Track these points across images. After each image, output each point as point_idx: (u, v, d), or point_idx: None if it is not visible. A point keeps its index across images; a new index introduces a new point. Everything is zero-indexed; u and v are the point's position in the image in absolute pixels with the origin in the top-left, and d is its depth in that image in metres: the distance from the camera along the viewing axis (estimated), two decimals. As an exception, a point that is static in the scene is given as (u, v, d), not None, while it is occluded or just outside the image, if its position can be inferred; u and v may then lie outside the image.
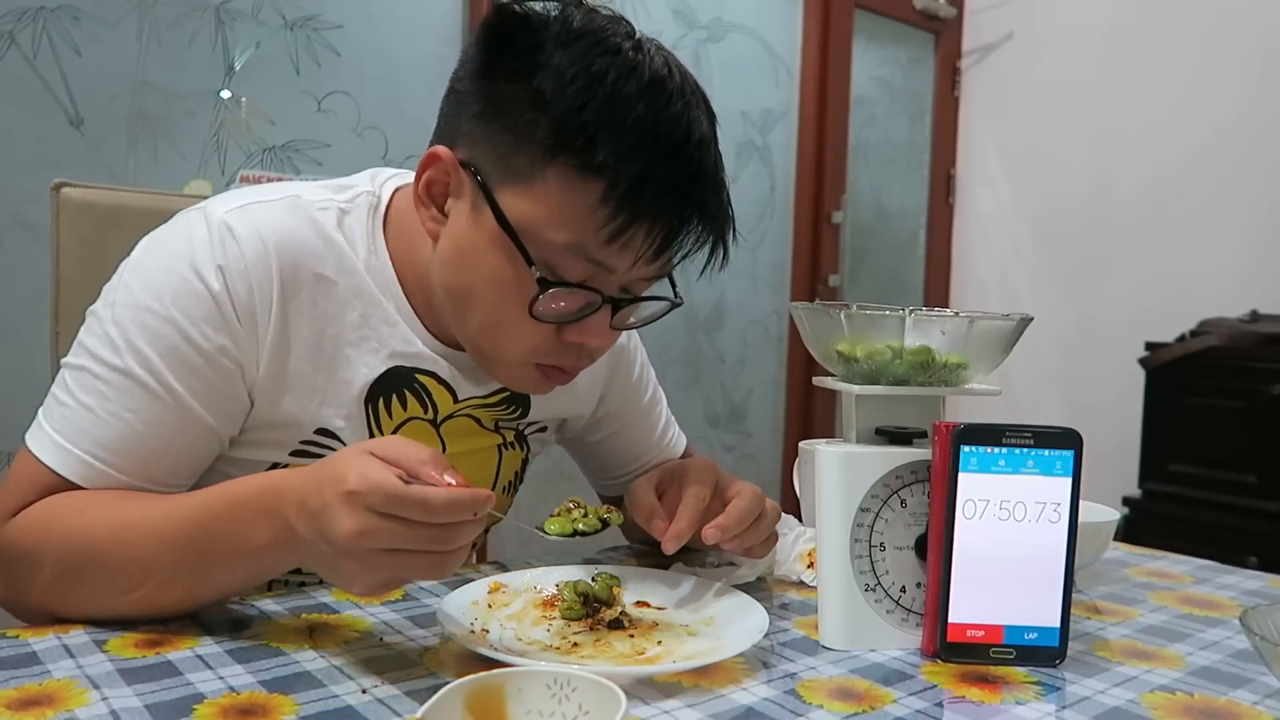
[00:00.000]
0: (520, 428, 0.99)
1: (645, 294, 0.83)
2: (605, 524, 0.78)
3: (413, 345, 0.87)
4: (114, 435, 0.76)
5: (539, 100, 0.74)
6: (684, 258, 0.80)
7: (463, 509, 0.63)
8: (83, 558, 0.72)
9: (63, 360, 0.80)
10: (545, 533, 0.76)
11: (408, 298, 0.86)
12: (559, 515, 0.77)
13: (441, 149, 0.80)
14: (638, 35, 0.78)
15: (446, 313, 0.84)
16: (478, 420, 0.94)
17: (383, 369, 0.86)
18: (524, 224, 0.76)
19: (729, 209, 0.81)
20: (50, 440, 0.77)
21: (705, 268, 0.82)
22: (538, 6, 0.78)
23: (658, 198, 0.74)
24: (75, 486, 0.76)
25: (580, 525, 0.76)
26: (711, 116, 0.80)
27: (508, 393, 0.94)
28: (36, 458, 0.77)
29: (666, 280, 0.85)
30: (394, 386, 0.87)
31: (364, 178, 0.91)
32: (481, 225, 0.78)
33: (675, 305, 0.86)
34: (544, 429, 1.02)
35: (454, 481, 0.63)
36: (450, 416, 0.91)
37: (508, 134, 0.76)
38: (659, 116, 0.74)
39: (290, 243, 0.82)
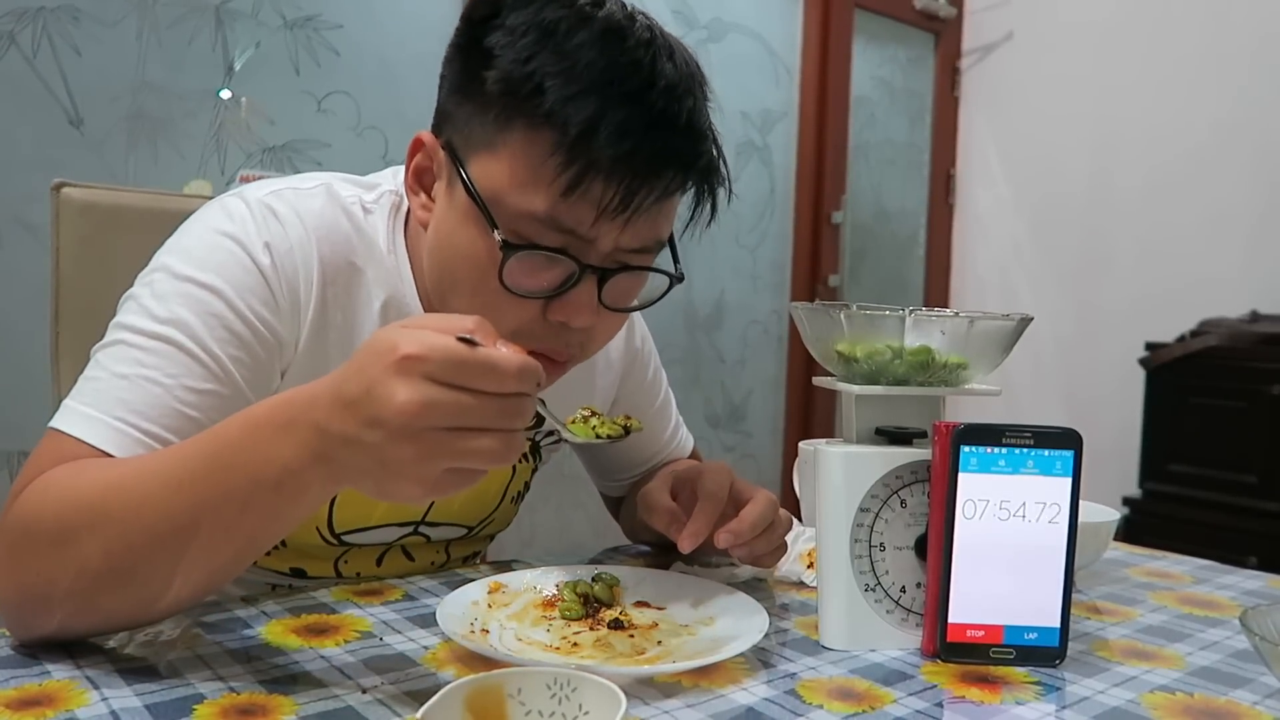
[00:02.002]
0: (535, 437, 0.98)
1: (637, 266, 0.77)
2: (628, 431, 0.73)
3: None
4: (149, 400, 0.70)
5: (489, 58, 0.72)
6: (654, 202, 0.73)
7: (532, 375, 0.56)
8: (79, 523, 0.63)
9: (93, 348, 0.75)
10: (573, 436, 0.71)
11: (422, 299, 0.85)
12: (576, 422, 0.72)
13: (424, 133, 0.80)
14: None
15: (436, 300, 0.82)
16: None
17: None
18: (491, 191, 0.73)
19: (716, 163, 0.77)
20: (76, 412, 0.70)
21: (691, 219, 0.78)
22: None
23: (614, 143, 0.69)
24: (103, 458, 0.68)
25: (601, 431, 0.72)
26: (692, 70, 0.75)
27: None
28: (61, 431, 0.69)
29: (668, 257, 0.81)
30: None
31: (387, 176, 0.89)
32: (456, 201, 0.76)
33: (676, 280, 0.80)
34: (558, 440, 1.02)
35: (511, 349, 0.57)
36: None
37: (471, 101, 0.74)
38: (614, 62, 0.70)
39: (328, 229, 0.81)
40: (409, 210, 0.87)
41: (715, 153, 0.77)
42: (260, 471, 0.60)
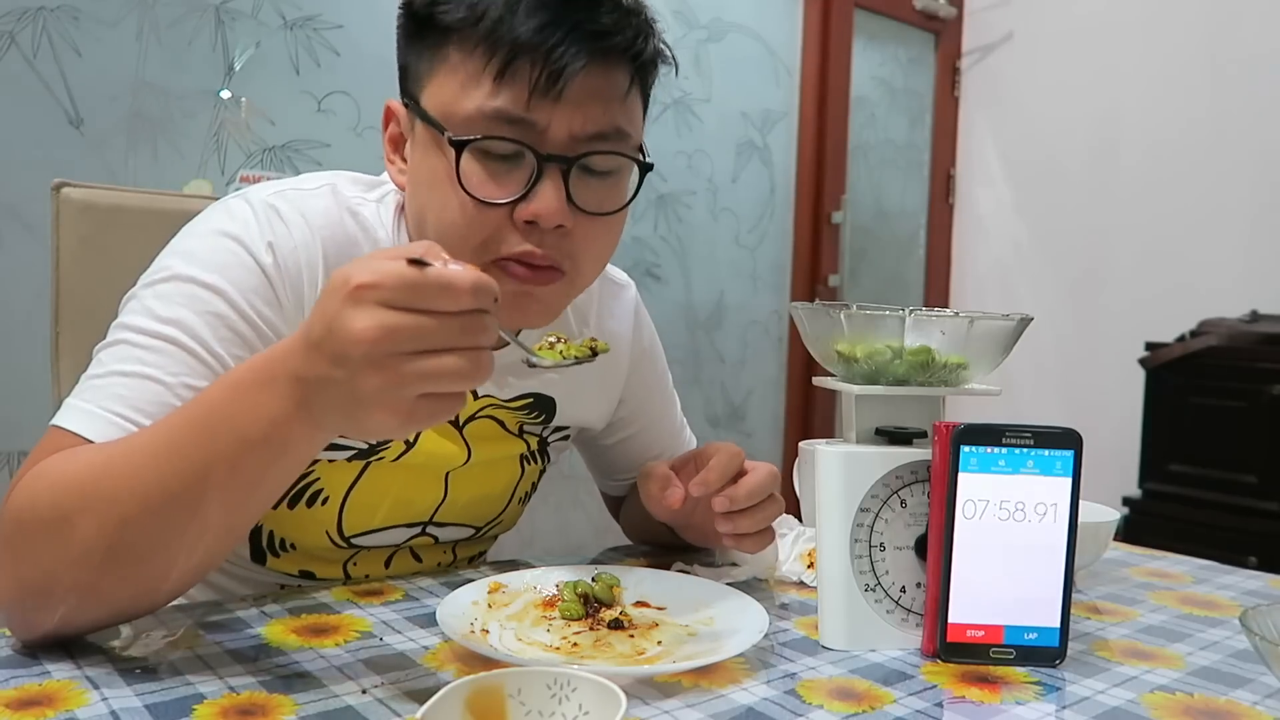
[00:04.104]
0: (544, 434, 0.98)
1: (598, 151, 0.76)
2: (595, 353, 0.72)
3: None
4: (149, 397, 0.70)
5: None
6: (582, 72, 0.73)
7: (488, 290, 0.56)
8: (71, 505, 0.63)
9: (95, 348, 0.75)
10: (541, 360, 0.69)
11: None
12: (543, 348, 0.71)
13: (391, 100, 0.83)
14: None
15: None
16: (500, 423, 0.93)
17: None
18: (441, 108, 0.75)
19: (643, 26, 0.77)
20: (76, 409, 0.70)
21: (631, 84, 0.77)
22: None
23: (530, 18, 0.72)
24: None
25: (568, 353, 0.71)
26: None
27: (531, 398, 0.93)
28: (60, 427, 0.70)
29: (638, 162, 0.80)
30: None
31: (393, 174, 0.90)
32: (418, 139, 0.78)
33: (644, 168, 0.80)
34: (566, 436, 1.01)
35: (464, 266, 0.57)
36: (472, 418, 0.90)
37: (411, 41, 0.78)
38: None
39: (333, 229, 0.81)
40: None
41: (647, 23, 0.78)
42: (246, 429, 0.60)
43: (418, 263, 0.55)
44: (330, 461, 0.86)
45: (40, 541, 0.64)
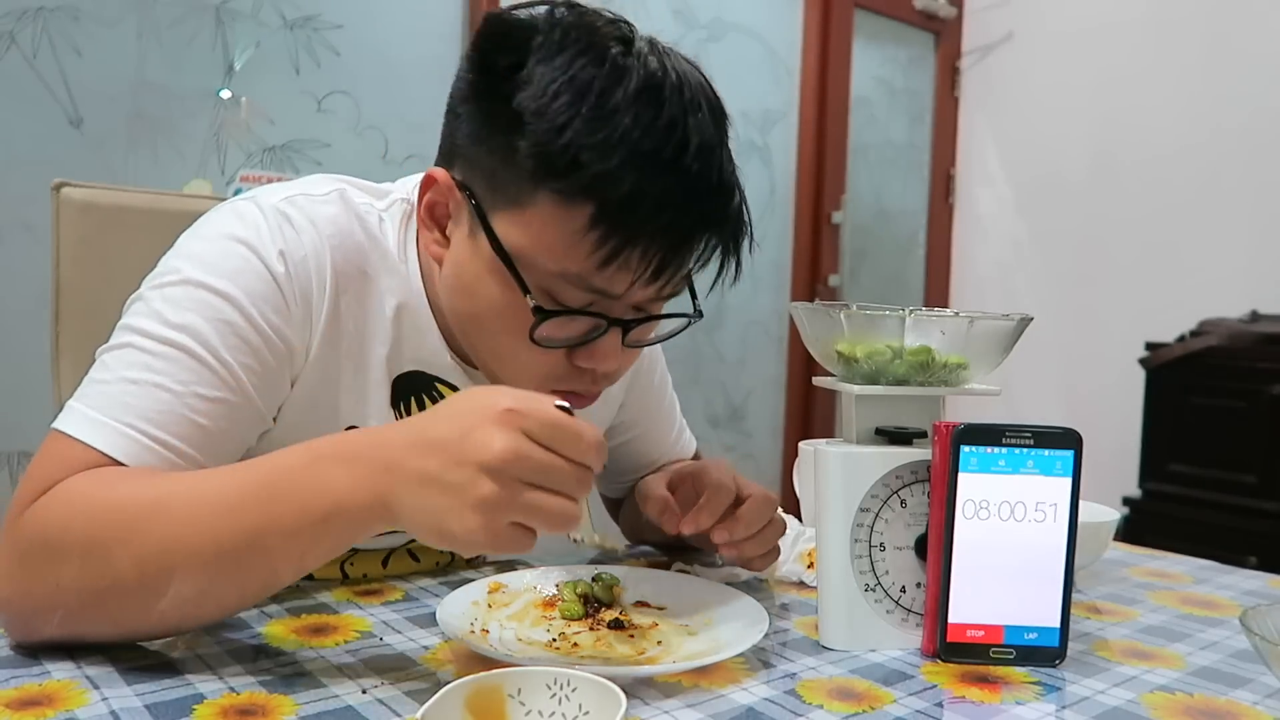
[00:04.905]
0: None
1: (659, 313, 0.79)
2: None
3: (437, 354, 0.85)
4: (159, 408, 0.69)
5: (519, 122, 0.70)
6: (688, 273, 0.75)
7: (604, 452, 0.62)
8: (113, 536, 0.63)
9: (98, 349, 0.74)
10: None
11: (431, 308, 0.84)
12: None
13: (439, 171, 0.78)
14: (632, 35, 0.73)
15: (458, 335, 0.83)
16: None
17: (408, 369, 0.84)
18: (518, 250, 0.73)
19: (742, 214, 0.76)
20: (84, 416, 0.69)
21: (716, 280, 0.78)
22: (525, 14, 0.73)
23: (651, 217, 0.69)
24: (113, 465, 0.68)
25: None
26: (719, 116, 0.74)
27: None
28: (66, 434, 0.68)
29: (686, 291, 0.81)
30: (416, 390, 0.85)
31: (400, 186, 0.89)
32: (480, 252, 0.75)
33: (694, 320, 0.82)
34: None
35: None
36: None
37: (495, 156, 0.72)
38: (649, 128, 0.68)
39: (342, 237, 0.81)
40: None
41: (741, 203, 0.76)
42: (311, 502, 0.62)
43: (562, 408, 0.61)
44: None
45: (67, 564, 0.64)
